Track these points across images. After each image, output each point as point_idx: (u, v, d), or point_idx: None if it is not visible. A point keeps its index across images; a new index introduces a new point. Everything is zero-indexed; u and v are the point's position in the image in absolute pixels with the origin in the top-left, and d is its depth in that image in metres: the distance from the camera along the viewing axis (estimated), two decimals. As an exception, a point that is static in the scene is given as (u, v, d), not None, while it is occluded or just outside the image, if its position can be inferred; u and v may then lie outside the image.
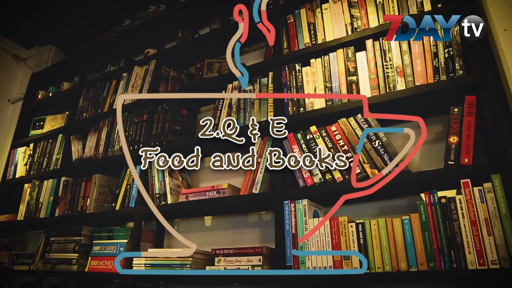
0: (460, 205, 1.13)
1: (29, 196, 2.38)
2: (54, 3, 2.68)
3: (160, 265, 1.55)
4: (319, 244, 1.28)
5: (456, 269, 1.09)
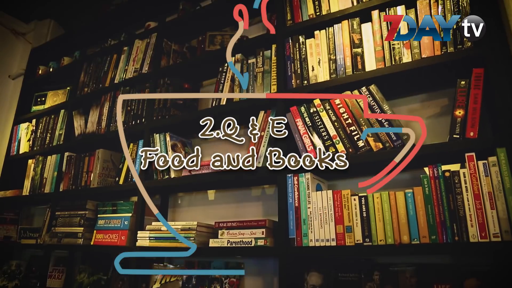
0: (464, 179, 1.13)
1: (33, 171, 2.40)
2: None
3: (164, 238, 1.57)
4: (322, 217, 1.29)
5: (458, 242, 1.10)
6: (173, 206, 1.98)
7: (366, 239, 1.21)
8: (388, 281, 1.26)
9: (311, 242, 1.28)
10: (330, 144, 1.36)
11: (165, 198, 1.97)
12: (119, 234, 1.79)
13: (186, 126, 1.84)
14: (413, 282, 1.24)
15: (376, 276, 1.28)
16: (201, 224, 1.55)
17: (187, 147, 1.87)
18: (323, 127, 1.38)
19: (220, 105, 1.66)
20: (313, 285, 1.35)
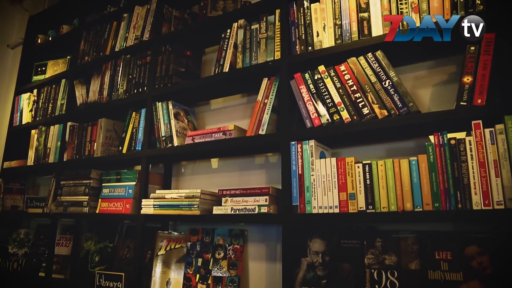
0: (470, 147, 1.12)
1: (37, 142, 2.41)
2: None
3: (168, 206, 1.59)
4: (326, 185, 1.29)
5: (461, 209, 1.10)
6: (177, 175, 1.99)
7: (369, 207, 1.22)
8: (390, 248, 1.28)
9: (314, 209, 1.29)
10: (334, 111, 1.34)
11: (169, 167, 1.98)
12: (124, 202, 1.81)
13: (189, 94, 1.82)
14: (414, 249, 1.25)
15: (378, 243, 1.29)
16: (204, 192, 1.56)
17: (190, 116, 1.86)
18: (327, 94, 1.36)
19: (223, 72, 1.63)
20: (316, 251, 1.37)
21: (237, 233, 1.65)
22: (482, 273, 1.13)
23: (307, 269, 1.36)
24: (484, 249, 1.15)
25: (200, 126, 1.94)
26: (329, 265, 1.35)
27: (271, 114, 1.47)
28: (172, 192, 1.61)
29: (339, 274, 1.33)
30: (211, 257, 1.65)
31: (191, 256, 1.69)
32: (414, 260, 1.24)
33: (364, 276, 1.27)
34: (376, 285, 1.25)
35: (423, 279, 1.20)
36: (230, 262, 1.61)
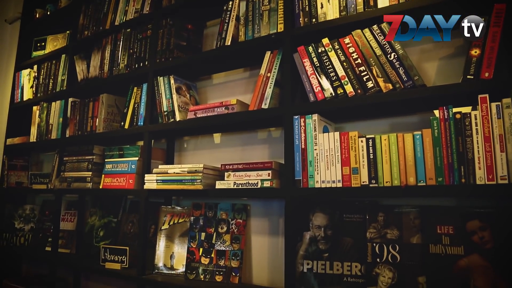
0: (475, 121, 1.10)
1: (39, 118, 2.40)
2: None
3: (171, 180, 1.60)
4: (329, 159, 1.28)
5: (464, 184, 1.09)
6: (179, 150, 1.99)
7: (372, 181, 1.22)
8: (392, 223, 1.28)
9: (317, 183, 1.29)
10: (338, 85, 1.32)
11: (171, 142, 1.98)
12: (127, 177, 1.82)
13: (191, 68, 1.80)
14: (416, 223, 1.26)
15: (381, 218, 1.30)
16: (207, 167, 1.56)
17: (192, 90, 1.84)
18: (331, 67, 1.34)
19: (225, 46, 1.60)
20: (318, 225, 1.38)
21: (240, 208, 1.66)
22: (483, 247, 1.15)
23: (309, 242, 1.37)
24: (486, 223, 1.16)
25: (202, 101, 1.92)
26: (331, 239, 1.36)
27: (274, 88, 1.45)
28: (175, 167, 1.62)
29: (341, 247, 1.34)
30: (214, 231, 1.67)
31: (194, 230, 1.70)
32: (415, 234, 1.25)
33: (366, 249, 1.29)
34: (378, 258, 1.26)
35: (424, 252, 1.21)
36: (233, 236, 1.63)
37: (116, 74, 1.99)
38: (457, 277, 1.15)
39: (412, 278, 1.21)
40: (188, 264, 1.66)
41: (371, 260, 1.27)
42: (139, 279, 1.67)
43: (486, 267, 1.13)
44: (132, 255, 1.80)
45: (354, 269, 1.31)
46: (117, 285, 2.13)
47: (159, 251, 1.75)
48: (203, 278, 1.61)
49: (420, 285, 1.20)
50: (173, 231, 1.77)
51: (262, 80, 1.48)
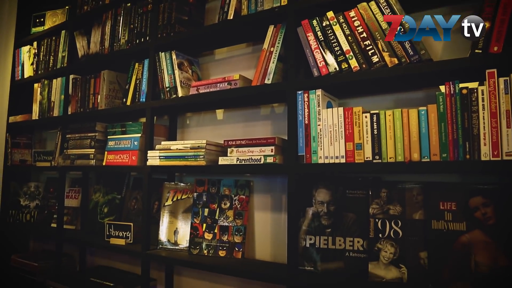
0: (482, 96, 1.08)
1: (40, 95, 2.39)
2: None
3: (174, 157, 1.60)
4: (332, 135, 1.27)
5: (469, 160, 1.08)
6: (182, 127, 1.98)
7: (376, 157, 1.21)
8: (395, 199, 1.28)
9: (320, 159, 1.28)
10: (342, 60, 1.29)
11: (174, 119, 1.97)
12: (130, 154, 1.82)
13: (192, 43, 1.77)
14: (419, 199, 1.26)
15: (384, 194, 1.30)
16: (210, 143, 1.55)
17: (194, 66, 1.81)
18: (335, 41, 1.31)
19: (227, 20, 1.56)
20: (321, 201, 1.38)
21: (243, 184, 1.67)
22: (485, 223, 1.15)
23: (312, 218, 1.38)
24: (489, 200, 1.16)
25: (205, 77, 1.90)
26: (334, 215, 1.36)
27: (277, 63, 1.43)
28: (177, 143, 1.61)
29: (343, 223, 1.35)
30: (217, 207, 1.68)
31: (197, 206, 1.72)
32: (418, 210, 1.25)
33: (368, 225, 1.29)
34: (380, 234, 1.27)
35: (426, 228, 1.22)
36: (236, 212, 1.64)
37: (117, 50, 1.96)
38: (458, 252, 1.16)
39: (413, 253, 1.22)
40: (192, 240, 1.68)
41: (373, 235, 1.28)
42: (144, 254, 1.70)
43: (487, 242, 1.14)
44: (136, 231, 1.82)
45: (356, 244, 1.32)
46: (122, 260, 2.17)
47: (163, 227, 1.77)
48: (207, 253, 1.63)
49: (421, 260, 1.21)
50: (176, 207, 1.79)
51: (265, 55, 1.46)
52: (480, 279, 1.12)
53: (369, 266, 1.26)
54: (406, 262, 1.23)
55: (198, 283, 1.84)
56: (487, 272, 1.11)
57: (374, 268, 1.25)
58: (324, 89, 1.33)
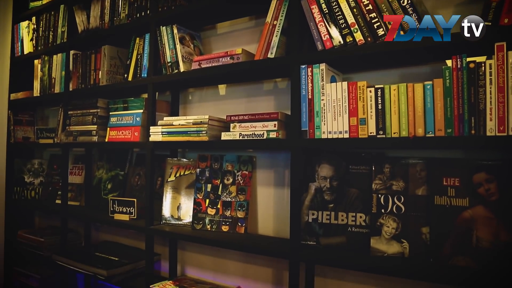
0: (490, 71, 1.06)
1: (41, 72, 2.37)
2: None
3: (177, 132, 1.59)
4: (336, 109, 1.26)
5: (474, 135, 1.07)
6: (184, 103, 1.97)
7: (380, 132, 1.20)
8: (398, 174, 1.28)
9: (324, 134, 1.27)
10: (347, 33, 1.26)
11: (176, 95, 1.95)
12: (132, 130, 1.82)
13: (194, 17, 1.73)
14: (422, 175, 1.25)
15: (387, 169, 1.30)
16: (212, 118, 1.54)
17: (196, 40, 1.78)
18: (340, 14, 1.28)
19: (229, -8, 1.53)
20: (324, 176, 1.38)
21: (246, 159, 1.67)
22: (488, 199, 1.15)
23: (315, 193, 1.38)
24: (492, 176, 1.15)
25: (207, 52, 1.86)
26: (337, 190, 1.37)
27: (280, 37, 1.40)
28: (180, 118, 1.60)
29: (346, 198, 1.35)
30: (220, 182, 1.68)
31: (200, 182, 1.72)
32: (421, 186, 1.25)
33: (371, 200, 1.30)
34: (382, 209, 1.28)
35: (429, 204, 1.22)
36: (239, 187, 1.65)
37: (118, 24, 1.92)
38: (460, 227, 1.17)
39: (415, 229, 1.23)
40: (195, 215, 1.69)
41: (375, 211, 1.28)
42: (148, 229, 1.72)
43: (489, 218, 1.14)
44: (139, 206, 1.84)
45: (359, 219, 1.33)
46: (127, 236, 2.20)
47: (166, 202, 1.78)
48: (210, 228, 1.65)
49: (423, 235, 1.22)
50: (179, 183, 1.79)
51: (268, 29, 1.43)
52: (481, 254, 1.13)
53: (371, 241, 1.27)
54: (408, 237, 1.23)
55: (202, 257, 1.87)
56: (488, 247, 1.12)
57: (376, 243, 1.26)
58: (328, 63, 1.30)
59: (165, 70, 1.70)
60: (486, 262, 1.12)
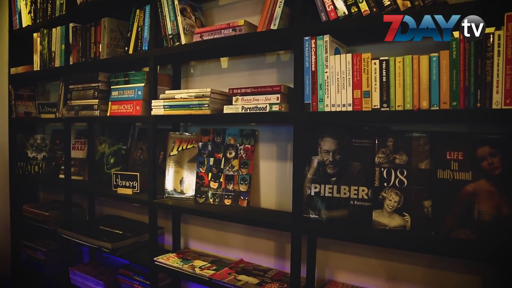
0: (498, 42, 1.03)
1: (41, 45, 2.33)
2: None
3: (179, 106, 1.58)
4: (339, 82, 1.24)
5: (480, 108, 1.05)
6: (186, 76, 1.94)
7: (384, 105, 1.18)
8: (401, 148, 1.28)
9: (327, 107, 1.26)
10: (352, 3, 1.23)
11: (177, 68, 1.93)
12: (134, 104, 1.80)
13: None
14: (426, 149, 1.25)
15: (390, 143, 1.29)
16: (214, 91, 1.53)
17: (197, 12, 1.74)
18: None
19: (231, -39, 1.48)
20: (327, 150, 1.38)
21: (248, 133, 1.66)
22: (491, 173, 1.15)
23: (317, 167, 1.38)
24: (496, 150, 1.15)
25: (208, 23, 1.82)
26: (339, 163, 1.37)
27: (283, 8, 1.37)
28: (182, 92, 1.59)
29: (348, 172, 1.35)
30: (223, 156, 1.68)
31: (202, 155, 1.72)
32: (424, 160, 1.25)
33: (374, 174, 1.30)
34: (385, 183, 1.28)
35: (431, 178, 1.22)
36: (242, 161, 1.65)
37: (117, -6, 1.88)
38: (462, 201, 1.17)
39: (417, 202, 1.23)
40: (198, 189, 1.70)
41: (378, 184, 1.29)
42: (151, 203, 1.73)
43: (492, 192, 1.14)
44: (142, 181, 1.85)
45: (361, 193, 1.33)
46: (130, 210, 2.22)
47: (169, 176, 1.79)
48: (212, 202, 1.66)
49: (425, 208, 1.22)
50: (182, 157, 1.80)
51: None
52: (482, 227, 1.13)
53: (373, 214, 1.28)
54: (410, 210, 1.24)
55: (204, 231, 1.89)
56: (489, 221, 1.13)
57: (378, 216, 1.27)
58: (332, 35, 1.27)
59: (166, 42, 1.67)
60: (487, 235, 1.13)
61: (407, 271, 1.38)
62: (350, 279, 1.50)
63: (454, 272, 1.29)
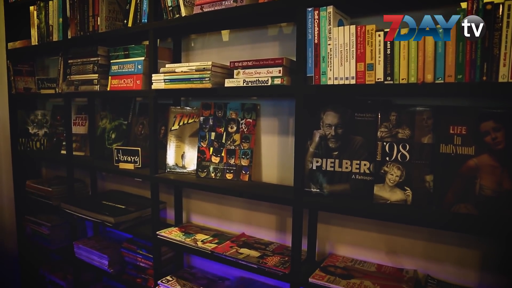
0: (508, 12, 1.00)
1: (38, 19, 2.28)
2: None
3: (179, 79, 1.56)
4: (343, 55, 1.22)
5: (485, 82, 1.03)
6: (186, 50, 1.91)
7: (388, 78, 1.16)
8: (404, 122, 1.27)
9: (330, 80, 1.24)
10: (358, -28, 1.19)
11: (178, 41, 1.89)
12: (134, 78, 1.78)
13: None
14: (429, 123, 1.24)
15: (393, 117, 1.28)
16: (215, 64, 1.50)
17: (197, -17, 1.70)
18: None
19: None
20: (329, 124, 1.37)
21: (250, 107, 1.65)
22: (494, 148, 1.14)
23: (319, 141, 1.38)
24: (500, 124, 1.14)
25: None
26: (341, 138, 1.36)
27: (286, -23, 1.33)
28: (182, 65, 1.56)
29: (350, 146, 1.35)
30: (224, 131, 1.68)
31: (204, 130, 1.72)
32: (427, 134, 1.24)
33: (376, 148, 1.29)
34: (387, 157, 1.27)
35: (434, 152, 1.22)
36: (243, 135, 1.64)
37: (114, -36, 1.83)
38: (464, 176, 1.17)
39: (419, 176, 1.23)
40: (199, 163, 1.70)
41: (380, 158, 1.28)
42: (152, 177, 1.74)
43: (494, 166, 1.14)
44: (144, 155, 1.85)
45: (363, 167, 1.33)
46: (132, 184, 2.23)
47: (170, 151, 1.79)
48: (214, 176, 1.67)
49: (427, 183, 1.22)
50: (183, 132, 1.79)
51: (274, -32, 1.35)
52: (483, 202, 1.14)
53: (374, 188, 1.28)
54: (411, 185, 1.24)
55: (206, 205, 1.91)
56: (490, 195, 1.13)
57: (380, 190, 1.27)
58: (336, 6, 1.24)
59: (166, 15, 1.63)
60: (488, 209, 1.13)
61: (407, 245, 1.40)
62: (350, 252, 1.51)
63: (454, 246, 1.31)
